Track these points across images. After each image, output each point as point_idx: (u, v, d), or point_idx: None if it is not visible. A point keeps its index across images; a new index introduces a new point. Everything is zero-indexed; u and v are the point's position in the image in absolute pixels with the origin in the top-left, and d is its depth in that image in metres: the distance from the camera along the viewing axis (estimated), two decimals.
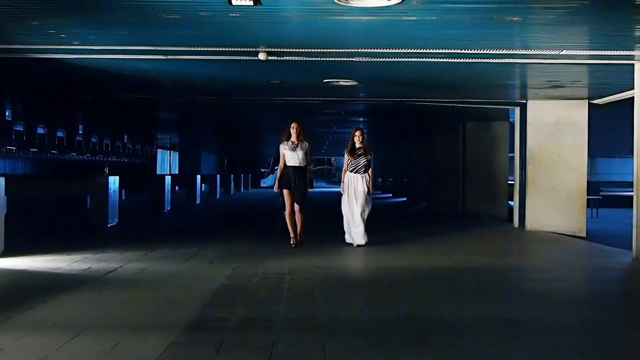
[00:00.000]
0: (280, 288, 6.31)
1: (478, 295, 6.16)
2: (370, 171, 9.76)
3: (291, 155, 9.41)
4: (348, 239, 9.68)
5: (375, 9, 6.24)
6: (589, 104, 12.69)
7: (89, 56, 8.71)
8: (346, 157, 9.83)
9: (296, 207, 9.40)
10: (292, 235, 9.45)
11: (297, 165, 9.41)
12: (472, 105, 13.90)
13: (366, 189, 9.63)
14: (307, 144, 9.54)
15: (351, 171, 9.72)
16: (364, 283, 6.88)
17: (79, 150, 16.48)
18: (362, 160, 9.71)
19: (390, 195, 28.78)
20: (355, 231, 9.54)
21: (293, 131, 9.44)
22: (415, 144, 23.69)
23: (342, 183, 9.85)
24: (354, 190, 9.63)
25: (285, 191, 9.42)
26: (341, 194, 9.86)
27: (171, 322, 4.86)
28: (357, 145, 9.76)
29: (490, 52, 8.20)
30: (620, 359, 4.30)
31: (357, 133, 9.81)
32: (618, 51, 8.08)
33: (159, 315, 5.13)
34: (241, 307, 5.45)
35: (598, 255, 9.51)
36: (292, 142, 9.45)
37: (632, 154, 8.98)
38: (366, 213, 9.65)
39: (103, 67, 9.61)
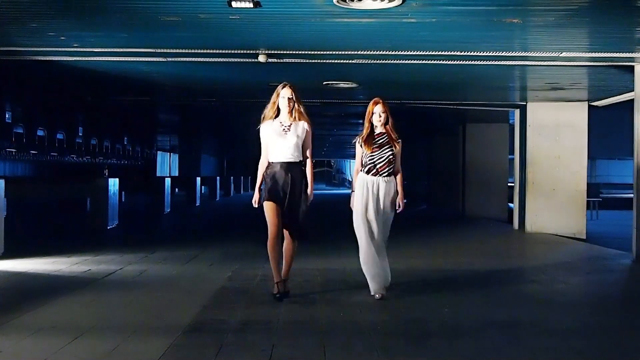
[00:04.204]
0: None
1: (478, 298, 6.15)
2: (399, 176, 6.01)
3: (278, 144, 5.68)
4: (374, 286, 5.93)
5: (375, 11, 6.24)
6: (589, 106, 12.70)
7: (89, 58, 8.71)
8: (359, 149, 5.98)
9: (286, 232, 5.78)
10: (275, 278, 5.83)
11: (288, 160, 5.69)
12: (472, 107, 13.92)
13: (394, 201, 5.97)
14: (306, 124, 5.75)
15: (367, 172, 5.91)
16: (364, 285, 6.87)
17: (79, 153, 16.50)
18: (386, 153, 5.89)
19: None
20: (379, 269, 5.91)
21: (284, 103, 5.71)
22: (415, 146, 23.71)
23: (352, 193, 6.01)
24: (375, 203, 5.87)
25: (267, 204, 5.66)
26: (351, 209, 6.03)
27: (171, 324, 4.86)
28: (379, 129, 5.97)
29: (490, 54, 8.21)
30: None
31: (378, 109, 5.94)
32: (618, 53, 8.09)
33: (159, 318, 5.12)
34: (241, 309, 5.44)
35: (598, 257, 9.49)
36: (280, 122, 5.73)
37: (632, 156, 8.98)
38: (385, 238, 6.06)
39: (103, 69, 9.61)
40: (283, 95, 5.71)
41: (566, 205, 12.64)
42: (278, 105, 5.73)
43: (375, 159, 5.89)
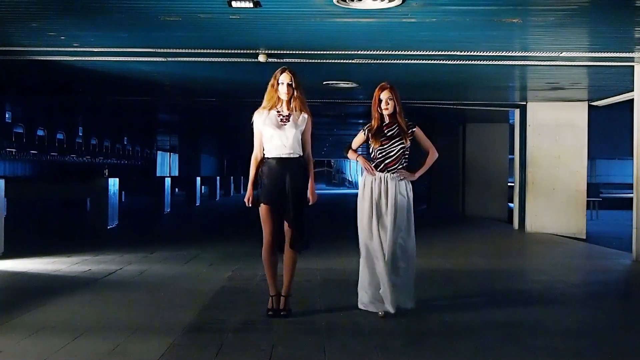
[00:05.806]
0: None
1: (478, 297, 6.15)
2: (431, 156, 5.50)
3: (275, 136, 4.96)
4: (370, 304, 5.20)
5: (375, 11, 6.24)
6: (589, 105, 12.70)
7: (89, 58, 8.71)
8: (361, 135, 5.37)
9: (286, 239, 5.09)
10: (271, 292, 5.14)
11: (286, 156, 4.98)
12: (472, 107, 13.92)
13: (405, 200, 5.17)
14: (306, 115, 5.06)
15: (375, 169, 5.22)
16: None
17: (79, 152, 16.53)
18: (397, 147, 5.21)
19: None
20: (386, 285, 5.04)
21: (282, 89, 5.00)
22: (415, 146, 23.73)
23: (364, 172, 5.29)
24: (381, 206, 5.12)
25: (263, 208, 5.01)
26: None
27: (171, 324, 4.86)
28: (387, 119, 5.23)
29: (490, 54, 8.22)
30: None
31: (385, 95, 5.16)
32: (618, 53, 8.09)
33: (159, 317, 5.12)
34: (241, 309, 5.44)
35: (598, 257, 9.50)
36: (278, 111, 5.04)
37: (632, 156, 8.98)
38: (409, 249, 5.20)
39: (103, 69, 9.61)
40: (282, 80, 5.00)
41: (566, 205, 12.64)
42: (277, 91, 5.03)
43: (385, 154, 5.16)
